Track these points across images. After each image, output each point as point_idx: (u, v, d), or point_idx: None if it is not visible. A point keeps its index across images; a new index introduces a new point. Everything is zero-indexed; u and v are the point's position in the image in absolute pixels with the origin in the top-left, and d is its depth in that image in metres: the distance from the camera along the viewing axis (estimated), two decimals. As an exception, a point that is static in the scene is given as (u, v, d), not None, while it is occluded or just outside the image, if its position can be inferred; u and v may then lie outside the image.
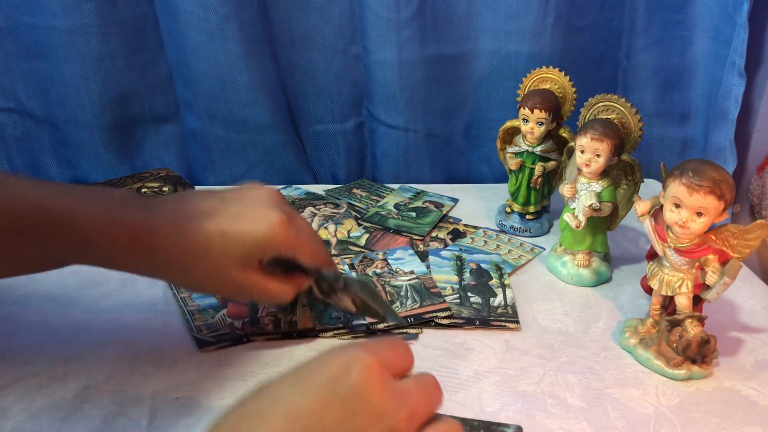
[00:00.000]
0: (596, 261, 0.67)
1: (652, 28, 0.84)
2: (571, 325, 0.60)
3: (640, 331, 0.56)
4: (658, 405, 0.50)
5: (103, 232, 0.45)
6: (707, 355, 0.53)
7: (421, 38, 0.81)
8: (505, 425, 0.47)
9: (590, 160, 0.61)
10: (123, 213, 0.45)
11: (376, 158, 0.92)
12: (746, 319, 0.61)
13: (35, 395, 0.50)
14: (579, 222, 0.63)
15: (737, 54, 0.73)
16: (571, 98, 0.72)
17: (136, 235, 0.45)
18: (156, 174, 0.82)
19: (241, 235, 0.46)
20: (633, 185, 0.66)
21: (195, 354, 0.55)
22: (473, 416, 0.48)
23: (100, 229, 0.44)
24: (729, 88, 0.76)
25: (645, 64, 0.86)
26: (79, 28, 0.76)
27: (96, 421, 0.48)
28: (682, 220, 0.49)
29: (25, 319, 0.59)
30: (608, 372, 0.54)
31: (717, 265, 0.51)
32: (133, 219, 0.45)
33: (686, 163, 0.49)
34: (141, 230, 0.45)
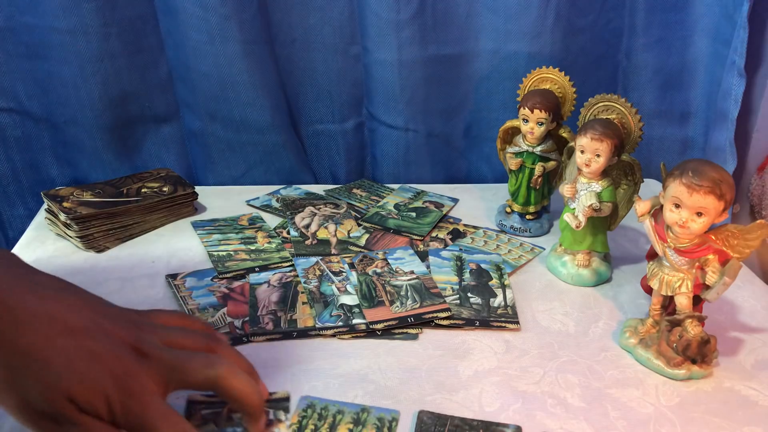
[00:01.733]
0: (596, 261, 0.67)
1: (652, 28, 0.84)
2: (571, 325, 0.60)
3: (640, 331, 0.56)
4: (658, 405, 0.50)
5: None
6: (707, 355, 0.53)
7: (421, 38, 0.81)
8: (504, 425, 0.47)
9: (590, 160, 0.61)
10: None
11: (376, 158, 0.92)
12: (746, 319, 0.61)
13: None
14: (579, 222, 0.63)
15: (737, 54, 0.73)
16: (571, 98, 0.72)
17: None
18: (156, 174, 0.82)
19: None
20: (633, 185, 0.66)
21: (195, 354, 0.55)
22: (473, 416, 0.48)
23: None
24: (729, 88, 0.76)
25: (645, 64, 0.86)
26: (79, 28, 0.77)
27: (96, 421, 0.48)
28: (682, 220, 0.49)
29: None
30: (608, 372, 0.54)
31: (717, 265, 0.51)
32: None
33: (686, 163, 0.49)
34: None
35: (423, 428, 0.47)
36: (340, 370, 0.53)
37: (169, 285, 0.64)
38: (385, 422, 0.47)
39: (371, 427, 0.47)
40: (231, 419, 0.47)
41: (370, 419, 0.47)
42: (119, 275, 0.67)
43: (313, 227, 0.76)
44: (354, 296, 0.62)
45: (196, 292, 0.63)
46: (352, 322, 0.58)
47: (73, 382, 0.37)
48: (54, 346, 0.38)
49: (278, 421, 0.47)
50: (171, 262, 0.69)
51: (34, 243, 0.73)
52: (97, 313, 0.42)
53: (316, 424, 0.47)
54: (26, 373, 0.37)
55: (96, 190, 0.76)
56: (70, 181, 0.89)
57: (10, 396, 0.38)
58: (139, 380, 0.39)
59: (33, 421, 0.38)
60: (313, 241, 0.73)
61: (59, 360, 0.38)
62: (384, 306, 0.60)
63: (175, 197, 0.77)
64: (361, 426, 0.47)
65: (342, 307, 0.60)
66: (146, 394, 0.39)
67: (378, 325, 0.57)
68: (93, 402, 0.38)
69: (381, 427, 0.47)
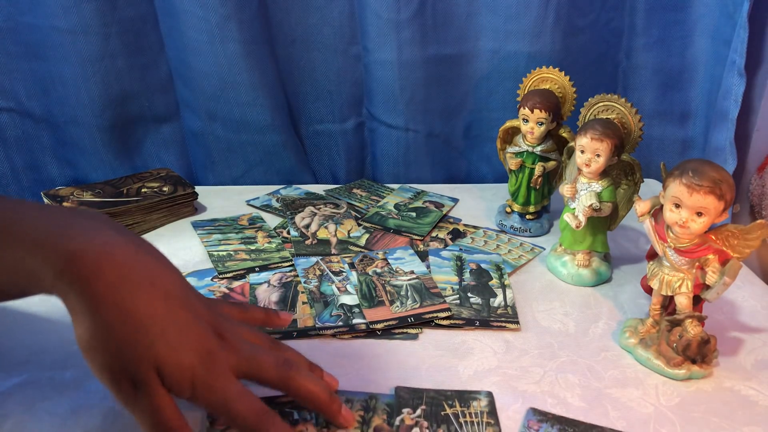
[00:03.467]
0: (596, 261, 0.67)
1: (652, 28, 0.84)
2: (571, 325, 0.60)
3: (640, 331, 0.56)
4: (658, 405, 0.50)
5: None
6: (707, 355, 0.53)
7: (421, 38, 0.81)
8: (477, 392, 0.50)
9: (590, 160, 0.61)
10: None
11: (376, 158, 0.92)
12: (746, 319, 0.61)
13: (35, 395, 0.50)
14: (579, 222, 0.63)
15: (737, 54, 0.73)
16: (571, 98, 0.72)
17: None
18: (156, 174, 0.82)
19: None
20: (633, 185, 0.66)
21: (195, 354, 0.55)
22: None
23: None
24: (729, 88, 0.76)
25: (645, 63, 0.86)
26: (80, 28, 0.77)
27: (96, 421, 0.48)
28: (682, 220, 0.49)
29: (24, 319, 0.59)
30: (608, 372, 0.54)
31: (717, 265, 0.51)
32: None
33: (686, 163, 0.49)
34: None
35: (402, 403, 0.48)
36: (340, 370, 0.53)
37: (169, 285, 0.64)
38: (394, 408, 0.48)
39: (382, 412, 0.48)
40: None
41: (379, 405, 0.48)
42: (119, 275, 0.66)
43: (313, 227, 0.76)
44: (354, 296, 0.62)
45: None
46: (352, 322, 0.58)
47: (165, 351, 0.37)
48: (154, 310, 0.38)
49: (304, 420, 0.47)
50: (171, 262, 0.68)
51: (34, 243, 0.72)
52: (187, 287, 0.42)
53: None
54: (122, 333, 0.37)
55: (96, 190, 0.76)
56: (70, 181, 0.89)
57: (100, 354, 0.37)
58: (220, 361, 0.40)
59: (115, 381, 0.38)
60: (313, 241, 0.73)
61: (156, 326, 0.37)
62: (384, 306, 0.60)
63: (175, 197, 0.77)
64: (372, 412, 0.47)
65: (342, 307, 0.60)
66: (227, 375, 0.40)
67: (378, 325, 0.57)
68: (179, 374, 0.38)
69: (391, 412, 0.48)
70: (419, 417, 0.47)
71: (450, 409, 0.48)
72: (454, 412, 0.48)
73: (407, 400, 0.49)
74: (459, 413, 0.48)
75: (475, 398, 0.49)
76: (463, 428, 0.46)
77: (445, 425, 0.46)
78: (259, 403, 0.41)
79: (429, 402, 0.49)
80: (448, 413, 0.48)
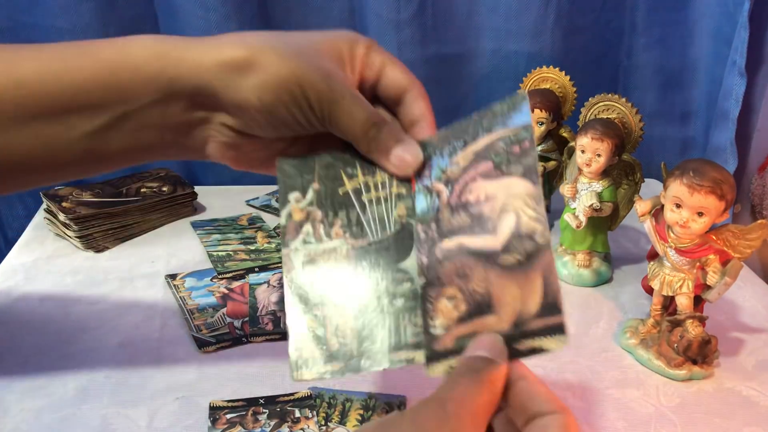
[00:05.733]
0: (597, 261, 0.66)
1: (652, 28, 0.84)
2: (571, 325, 0.60)
3: (640, 332, 0.56)
4: (658, 406, 0.50)
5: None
6: (708, 356, 0.53)
7: (421, 38, 0.81)
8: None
9: (591, 160, 0.61)
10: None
11: (377, 158, 0.91)
12: (747, 320, 0.61)
13: (35, 395, 0.50)
14: (580, 222, 0.63)
15: (738, 53, 0.73)
16: (571, 98, 0.72)
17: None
18: (155, 174, 0.81)
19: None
20: (634, 185, 0.65)
21: (194, 354, 0.55)
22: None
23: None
24: (730, 88, 0.75)
25: (646, 63, 0.86)
26: (79, 28, 0.76)
27: (95, 422, 0.48)
28: (683, 220, 0.49)
29: (24, 319, 0.59)
30: (609, 372, 0.54)
31: (718, 266, 0.51)
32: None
33: (687, 163, 0.49)
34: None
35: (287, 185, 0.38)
36: (339, 371, 0.53)
37: (169, 285, 0.64)
38: (394, 407, 0.48)
39: (380, 411, 0.48)
40: (257, 420, 0.47)
41: (378, 405, 0.48)
42: (118, 275, 0.66)
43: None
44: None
45: (196, 293, 0.63)
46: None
47: None
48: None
49: (305, 418, 0.47)
50: (170, 262, 0.68)
51: (33, 243, 0.73)
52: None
53: (327, 412, 0.47)
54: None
55: (95, 189, 0.76)
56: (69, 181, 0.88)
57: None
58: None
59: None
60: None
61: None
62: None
63: (174, 197, 0.77)
64: (371, 411, 0.48)
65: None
66: None
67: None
68: None
69: (390, 411, 0.48)
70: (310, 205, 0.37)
71: (350, 183, 0.38)
72: (355, 188, 0.37)
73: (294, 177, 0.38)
74: (362, 187, 0.37)
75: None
76: (367, 209, 0.37)
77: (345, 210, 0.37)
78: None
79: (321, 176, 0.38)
80: (347, 189, 0.37)
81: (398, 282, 0.34)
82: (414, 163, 0.36)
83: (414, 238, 0.35)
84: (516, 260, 0.30)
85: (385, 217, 0.36)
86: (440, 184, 0.35)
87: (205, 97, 0.36)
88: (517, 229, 0.31)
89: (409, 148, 0.37)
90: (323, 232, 0.36)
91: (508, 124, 0.33)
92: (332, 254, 0.35)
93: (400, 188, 0.37)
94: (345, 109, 0.35)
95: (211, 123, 0.38)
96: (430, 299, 0.33)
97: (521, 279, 0.30)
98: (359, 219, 0.36)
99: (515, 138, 0.33)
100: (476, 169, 0.34)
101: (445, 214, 0.34)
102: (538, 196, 0.31)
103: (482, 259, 0.31)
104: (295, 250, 0.36)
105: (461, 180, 0.34)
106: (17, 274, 0.66)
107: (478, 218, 0.32)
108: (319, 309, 0.34)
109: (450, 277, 0.32)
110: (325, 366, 0.34)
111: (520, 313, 0.30)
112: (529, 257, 0.30)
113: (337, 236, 0.36)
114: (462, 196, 0.34)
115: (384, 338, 0.33)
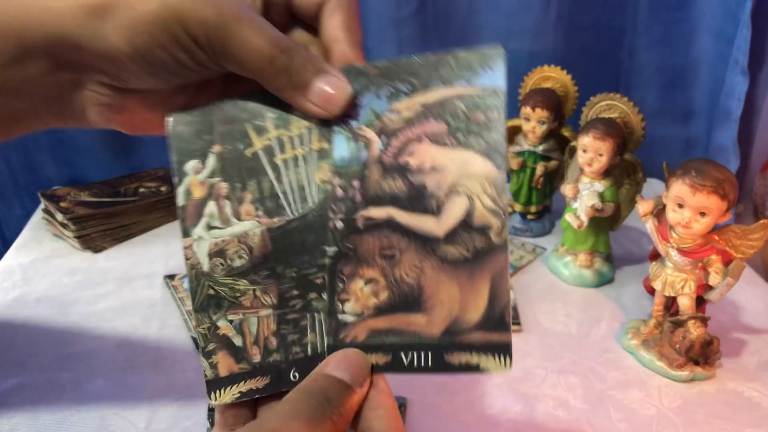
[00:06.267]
0: (598, 261, 0.66)
1: (654, 27, 0.83)
2: (573, 326, 0.59)
3: (642, 333, 0.56)
4: (660, 407, 0.50)
5: None
6: (710, 357, 0.52)
7: (421, 36, 0.81)
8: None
9: (592, 160, 0.60)
10: None
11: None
12: (749, 320, 0.60)
13: (33, 396, 0.50)
14: (581, 222, 0.63)
15: (740, 52, 0.73)
16: (573, 97, 0.72)
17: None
18: (154, 174, 0.81)
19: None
20: (635, 185, 0.65)
21: (193, 355, 0.54)
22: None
23: None
24: (732, 87, 0.75)
25: (647, 62, 0.86)
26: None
27: (93, 423, 0.47)
28: (685, 220, 0.49)
29: (22, 320, 0.59)
30: (610, 373, 0.53)
31: (720, 266, 0.50)
32: None
33: (689, 162, 0.49)
34: None
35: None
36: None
37: (167, 285, 0.64)
38: None
39: None
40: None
41: None
42: (117, 275, 0.66)
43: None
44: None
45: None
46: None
47: None
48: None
49: None
50: (169, 263, 0.68)
51: (30, 243, 0.72)
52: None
53: None
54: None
55: (93, 189, 0.75)
56: (67, 181, 0.88)
57: None
58: None
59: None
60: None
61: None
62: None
63: (173, 197, 0.76)
64: None
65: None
66: None
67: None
68: None
69: None
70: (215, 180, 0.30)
71: (259, 140, 0.29)
72: (266, 146, 0.29)
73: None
74: (274, 144, 0.29)
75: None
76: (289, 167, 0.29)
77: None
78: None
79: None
80: (256, 149, 0.29)
81: None
82: (341, 100, 0.29)
83: (327, 194, 0.28)
84: (460, 255, 0.26)
85: (306, 183, 0.29)
86: (370, 131, 0.28)
87: (68, 51, 0.28)
88: (467, 218, 0.26)
89: (332, 80, 0.29)
90: (230, 212, 0.29)
91: (474, 82, 0.27)
92: (244, 240, 0.29)
93: (322, 142, 0.29)
94: (240, 36, 0.27)
95: (85, 83, 0.30)
96: (342, 276, 0.27)
97: (463, 279, 0.26)
98: (273, 189, 0.29)
99: (480, 102, 0.27)
100: (423, 127, 0.27)
101: (374, 173, 0.28)
102: (501, 184, 0.26)
103: (417, 243, 0.26)
104: (198, 240, 0.29)
105: (401, 135, 0.28)
106: (15, 275, 0.66)
107: (418, 190, 0.27)
108: (235, 312, 0.29)
109: (371, 254, 0.27)
110: (248, 383, 0.28)
111: (456, 318, 0.26)
112: (477, 255, 0.26)
113: (247, 215, 0.29)
114: (400, 156, 0.27)
115: (315, 342, 0.28)
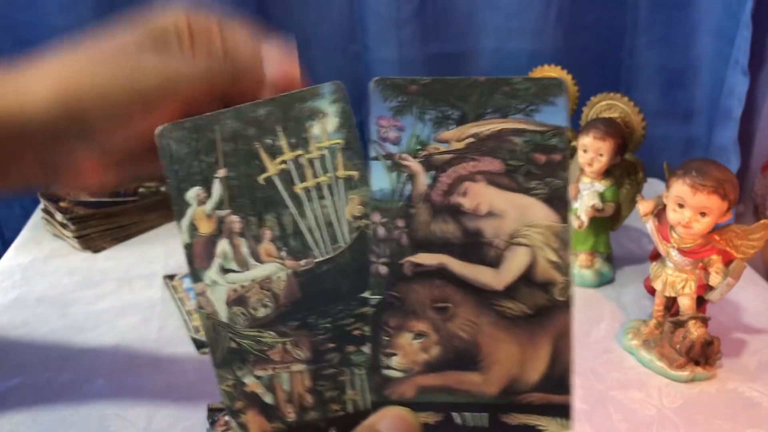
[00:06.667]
0: (599, 261, 0.66)
1: (655, 26, 0.83)
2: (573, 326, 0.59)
3: (643, 333, 0.56)
4: (661, 407, 0.50)
5: None
6: (711, 357, 0.52)
7: (422, 36, 0.80)
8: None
9: (593, 160, 0.60)
10: None
11: (377, 157, 0.91)
12: (750, 321, 0.60)
13: (32, 396, 0.50)
14: (582, 222, 0.62)
15: (741, 52, 0.73)
16: (573, 97, 0.72)
17: None
18: (154, 173, 0.81)
19: None
20: (636, 185, 0.65)
21: (193, 355, 0.54)
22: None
23: None
24: (732, 87, 0.75)
25: (648, 62, 0.85)
26: (77, 27, 0.76)
27: (93, 423, 0.47)
28: (685, 220, 0.48)
29: (21, 321, 0.59)
30: (611, 374, 0.53)
31: (720, 266, 0.50)
32: None
33: (689, 162, 0.48)
34: None
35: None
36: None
37: (167, 286, 0.64)
38: None
39: None
40: None
41: None
42: (116, 276, 0.66)
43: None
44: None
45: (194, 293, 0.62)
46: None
47: None
48: None
49: None
50: (168, 263, 0.68)
51: (30, 243, 0.72)
52: None
53: None
54: None
55: (94, 189, 0.75)
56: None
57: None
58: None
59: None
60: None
61: None
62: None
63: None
64: None
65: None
66: None
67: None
68: None
69: None
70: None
71: (273, 163, 0.27)
72: (282, 171, 0.27)
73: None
74: (292, 168, 0.27)
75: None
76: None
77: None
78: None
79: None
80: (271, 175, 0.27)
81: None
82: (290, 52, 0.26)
83: (363, 233, 0.26)
84: (521, 311, 0.25)
85: (334, 218, 0.26)
86: (414, 161, 0.25)
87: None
88: (528, 273, 0.24)
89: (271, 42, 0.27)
90: (248, 252, 0.26)
91: (533, 116, 0.25)
92: (267, 286, 0.26)
93: (348, 168, 0.26)
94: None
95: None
96: (387, 329, 0.25)
97: (524, 337, 0.24)
98: (297, 226, 0.26)
99: (542, 142, 0.25)
100: (477, 163, 0.25)
101: (422, 212, 0.25)
102: (565, 237, 0.24)
103: (474, 296, 0.25)
104: (213, 285, 0.26)
105: (451, 170, 0.25)
106: (14, 275, 0.66)
107: (473, 236, 0.25)
108: (263, 367, 0.26)
109: (422, 306, 0.25)
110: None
111: (514, 378, 0.24)
112: (539, 313, 0.24)
113: (268, 256, 0.26)
114: (452, 195, 0.25)
115: (357, 399, 0.26)
